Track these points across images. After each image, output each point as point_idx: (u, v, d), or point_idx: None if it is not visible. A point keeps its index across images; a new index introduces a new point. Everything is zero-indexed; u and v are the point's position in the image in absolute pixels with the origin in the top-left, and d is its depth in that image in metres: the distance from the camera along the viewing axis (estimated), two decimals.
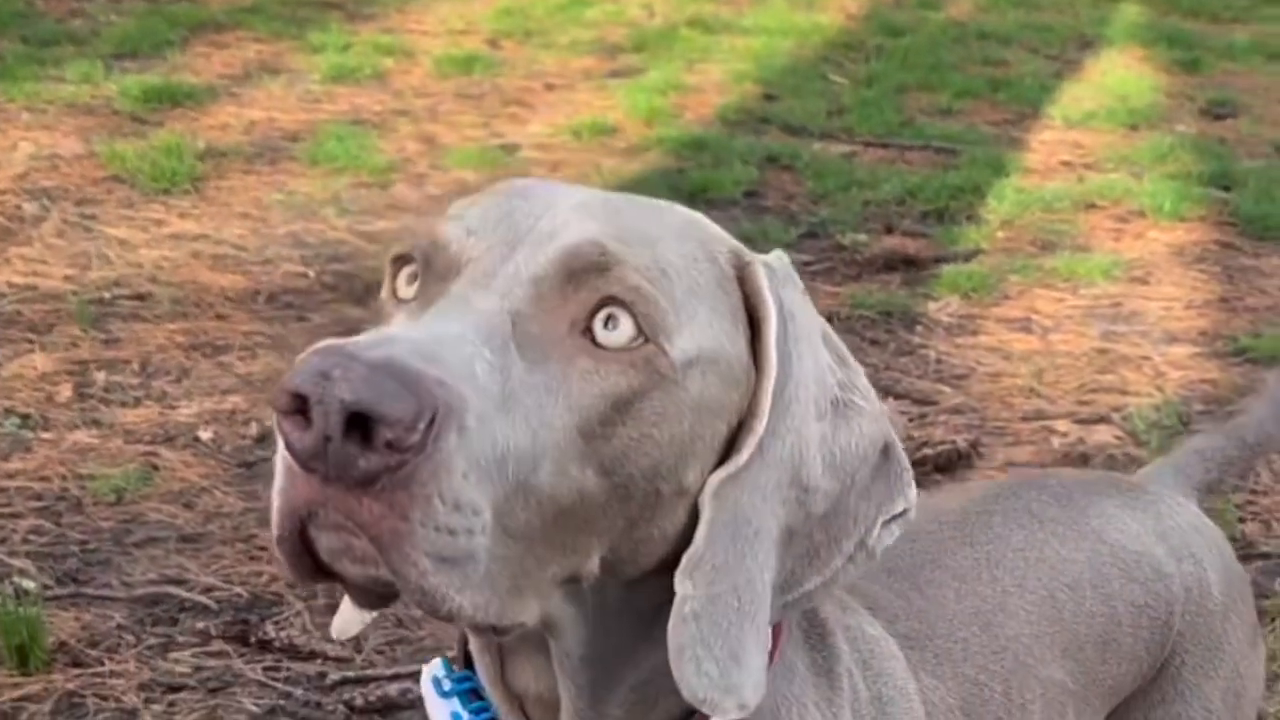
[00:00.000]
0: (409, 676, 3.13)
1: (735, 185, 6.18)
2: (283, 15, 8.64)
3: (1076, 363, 4.73)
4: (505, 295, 1.21)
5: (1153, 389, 4.55)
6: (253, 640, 3.26)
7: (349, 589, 1.22)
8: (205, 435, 4.04)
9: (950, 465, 4.05)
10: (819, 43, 8.82)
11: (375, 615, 1.45)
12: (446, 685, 1.40)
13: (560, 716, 1.36)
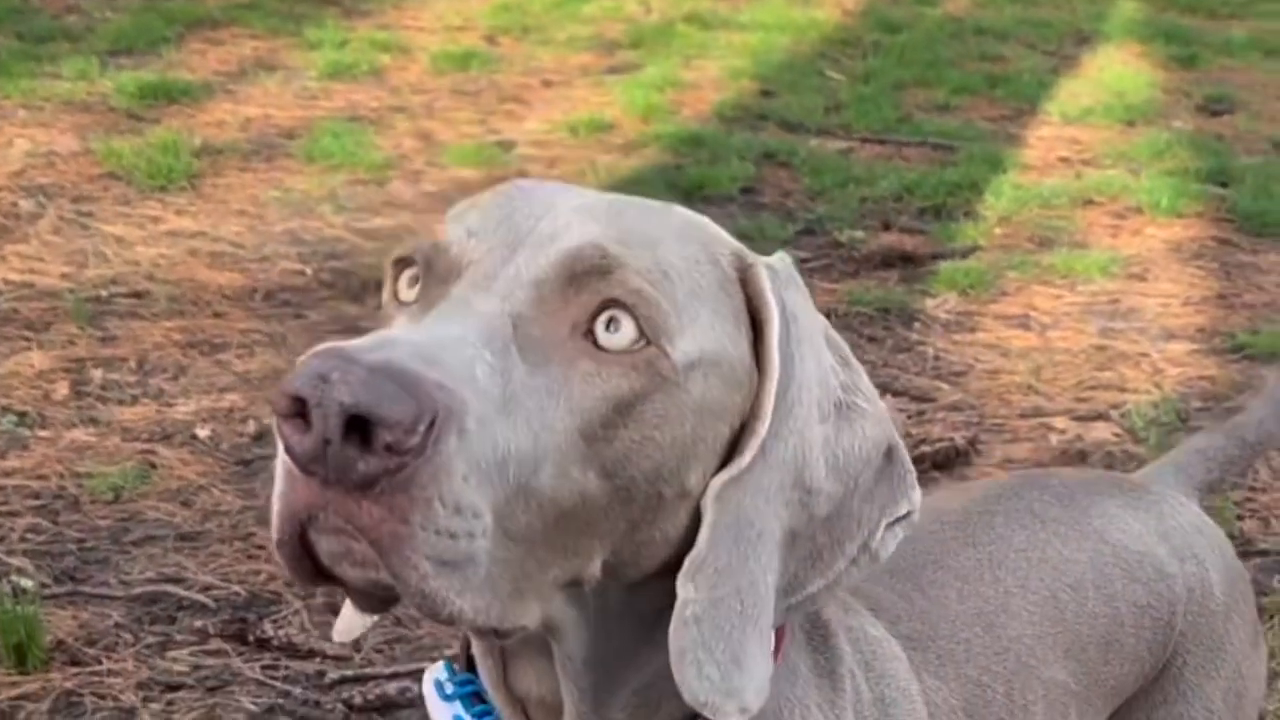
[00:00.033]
0: (408, 675, 3.13)
1: (732, 182, 6.17)
2: (279, 11, 8.63)
3: (1074, 360, 4.73)
4: (506, 298, 1.21)
5: (1151, 386, 4.55)
6: (251, 639, 3.26)
7: (350, 593, 1.21)
8: (203, 433, 4.03)
9: (948, 462, 4.05)
10: (816, 39, 8.81)
11: (377, 619, 1.45)
12: (449, 688, 1.40)
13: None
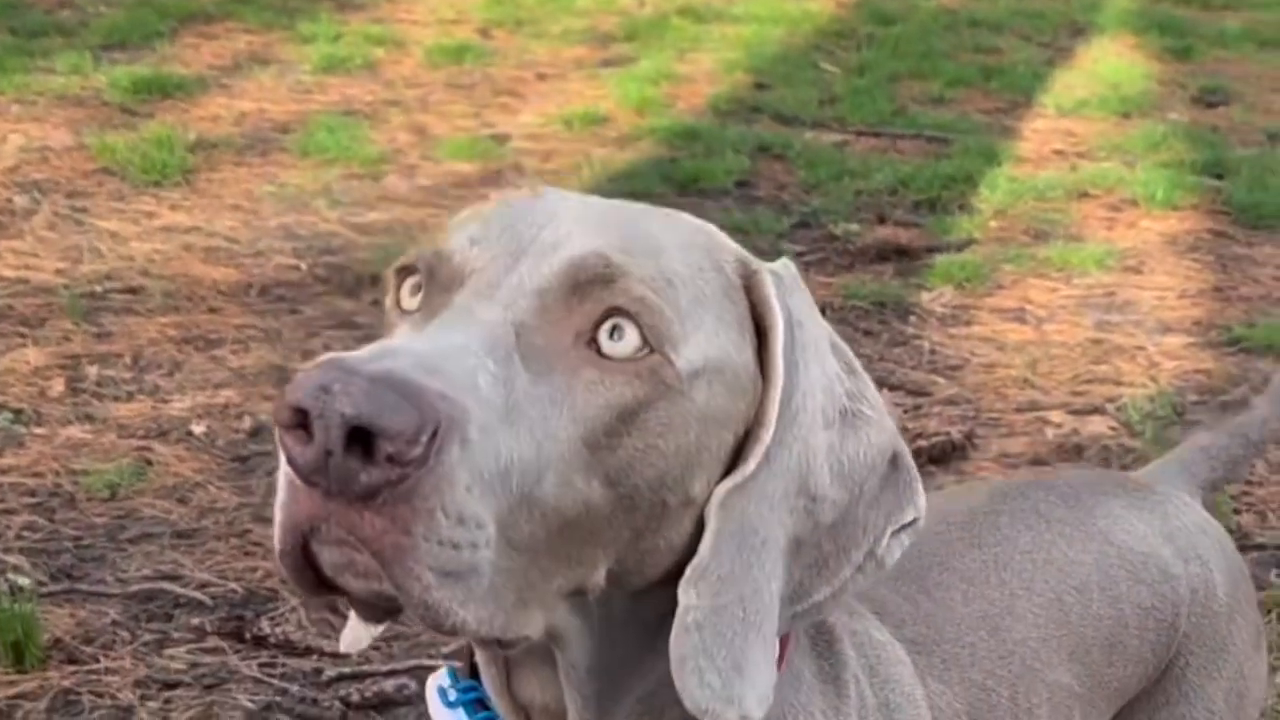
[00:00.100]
0: (405, 672, 3.13)
1: (727, 175, 6.16)
2: (273, 5, 8.62)
3: (1070, 353, 4.72)
4: (509, 306, 1.20)
5: (1147, 379, 4.54)
6: (248, 636, 3.25)
7: (353, 603, 1.21)
8: (198, 430, 4.02)
9: (945, 457, 4.05)
10: (810, 31, 8.81)
11: (384, 628, 1.44)
12: (452, 695, 1.39)
13: None
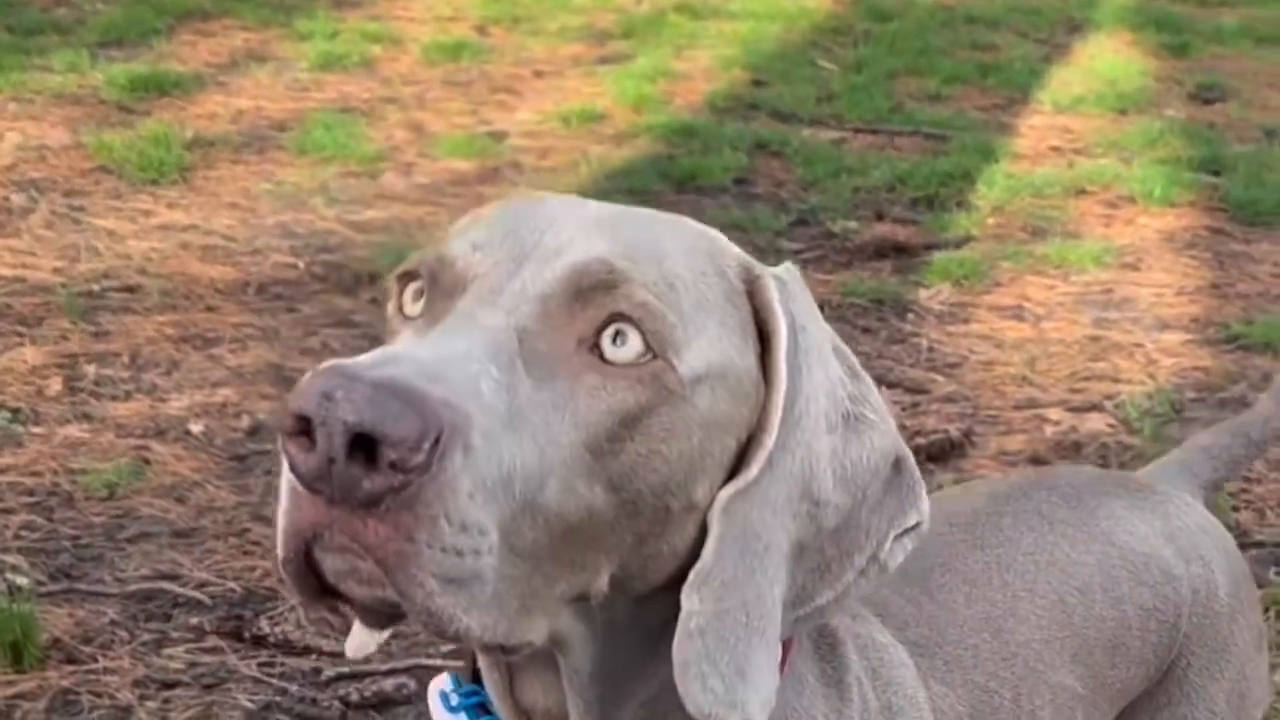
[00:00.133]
0: (404, 672, 3.13)
1: (724, 172, 6.15)
2: (270, 3, 8.61)
3: (1068, 350, 4.73)
4: (512, 312, 1.20)
5: (1145, 376, 4.54)
6: (247, 636, 3.25)
7: (356, 610, 1.20)
8: (196, 428, 4.02)
9: (943, 454, 4.05)
10: (807, 28, 8.80)
11: (389, 633, 1.44)
12: (454, 700, 1.39)
13: None
